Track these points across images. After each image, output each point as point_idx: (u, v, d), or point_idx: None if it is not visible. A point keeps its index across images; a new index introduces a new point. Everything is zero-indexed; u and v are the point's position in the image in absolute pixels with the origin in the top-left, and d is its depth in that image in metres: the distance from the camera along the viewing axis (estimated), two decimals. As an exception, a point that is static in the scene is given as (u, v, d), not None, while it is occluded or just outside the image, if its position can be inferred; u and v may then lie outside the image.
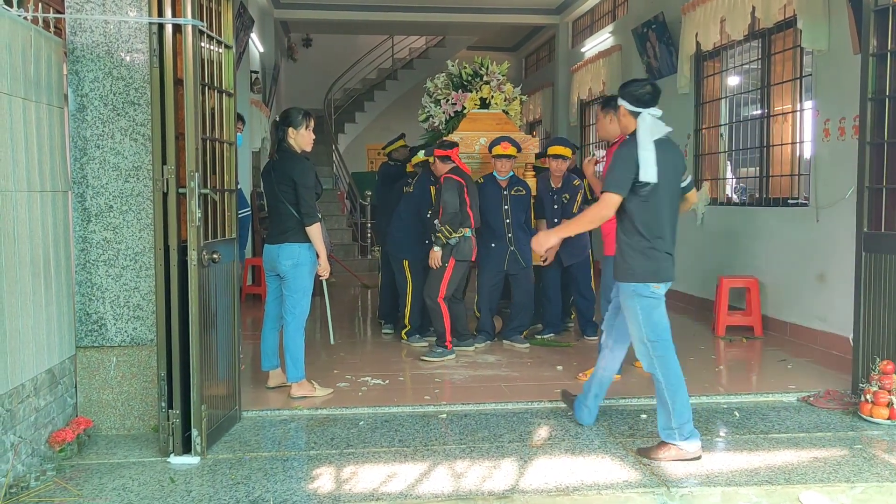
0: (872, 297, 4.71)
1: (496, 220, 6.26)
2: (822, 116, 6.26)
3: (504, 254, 6.27)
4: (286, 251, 4.75)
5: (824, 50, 6.13)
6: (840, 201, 5.90)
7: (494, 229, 6.26)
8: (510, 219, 6.28)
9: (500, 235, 6.27)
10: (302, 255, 4.75)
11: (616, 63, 10.45)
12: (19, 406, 3.54)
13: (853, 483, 3.57)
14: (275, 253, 4.78)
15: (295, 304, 4.80)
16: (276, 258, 4.78)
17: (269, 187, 4.84)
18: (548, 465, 3.78)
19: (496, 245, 6.28)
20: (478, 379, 5.40)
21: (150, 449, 3.99)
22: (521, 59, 16.81)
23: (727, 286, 6.89)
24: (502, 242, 6.27)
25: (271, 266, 4.85)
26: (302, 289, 4.80)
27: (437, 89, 6.90)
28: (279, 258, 4.77)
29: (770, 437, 4.19)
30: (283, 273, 4.80)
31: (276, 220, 4.82)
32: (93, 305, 4.19)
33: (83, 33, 4.10)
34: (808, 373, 5.51)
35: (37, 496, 3.40)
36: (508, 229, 6.27)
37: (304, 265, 4.77)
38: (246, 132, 9.69)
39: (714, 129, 8.19)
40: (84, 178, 4.14)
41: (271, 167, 4.86)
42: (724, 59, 7.99)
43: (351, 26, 14.58)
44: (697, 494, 3.50)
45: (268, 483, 3.55)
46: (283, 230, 4.77)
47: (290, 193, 4.72)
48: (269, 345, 5.04)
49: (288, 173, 4.74)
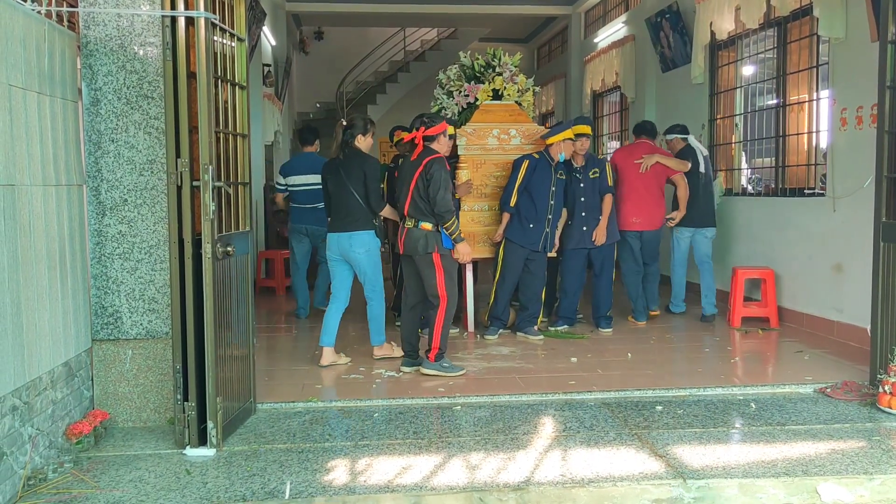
0: (890, 287, 4.65)
1: (543, 200, 6.23)
2: (838, 105, 6.19)
3: (540, 234, 6.25)
4: (357, 239, 5.36)
5: (841, 38, 6.06)
6: (857, 191, 5.83)
7: (538, 210, 6.23)
8: (554, 200, 6.27)
9: (541, 218, 6.25)
10: (371, 241, 5.40)
11: (629, 53, 10.38)
12: (37, 399, 3.56)
13: (872, 475, 3.53)
14: (346, 242, 5.38)
15: (374, 283, 5.50)
16: (349, 247, 5.38)
17: (337, 182, 5.41)
18: (563, 456, 3.77)
19: (534, 226, 6.24)
20: (492, 371, 5.39)
21: (166, 441, 4.01)
22: (534, 51, 16.74)
23: (742, 277, 6.84)
24: (541, 224, 6.26)
25: (341, 253, 5.43)
26: (376, 268, 5.47)
27: (450, 81, 6.88)
28: (351, 247, 5.37)
29: (787, 428, 4.16)
30: (355, 260, 5.41)
31: (343, 211, 5.41)
32: (108, 299, 4.21)
33: (96, 27, 4.11)
34: (825, 364, 5.47)
35: (55, 488, 3.43)
36: (550, 211, 6.27)
37: (374, 250, 5.43)
38: (258, 126, 9.70)
39: (729, 120, 8.13)
40: (98, 171, 4.15)
41: (339, 164, 5.44)
42: (738, 48, 7.92)
43: (362, 19, 14.55)
44: (714, 486, 3.47)
45: (283, 475, 3.56)
46: (353, 220, 5.37)
47: (361, 187, 5.32)
48: (331, 324, 5.55)
49: (361, 168, 5.36)
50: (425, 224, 5.20)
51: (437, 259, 5.21)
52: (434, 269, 5.21)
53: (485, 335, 6.40)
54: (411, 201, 5.24)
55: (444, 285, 5.22)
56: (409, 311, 5.51)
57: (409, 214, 5.26)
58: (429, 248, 5.19)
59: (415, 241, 5.21)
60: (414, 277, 5.40)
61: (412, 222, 5.25)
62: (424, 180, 5.17)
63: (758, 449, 3.86)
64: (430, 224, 5.20)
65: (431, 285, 5.23)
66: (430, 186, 5.14)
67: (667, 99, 9.49)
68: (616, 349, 6.02)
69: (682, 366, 5.60)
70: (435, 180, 5.13)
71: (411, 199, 5.24)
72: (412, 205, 5.25)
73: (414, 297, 5.45)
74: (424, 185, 5.17)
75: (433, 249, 5.19)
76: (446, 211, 5.15)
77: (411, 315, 5.50)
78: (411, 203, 5.25)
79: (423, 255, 5.20)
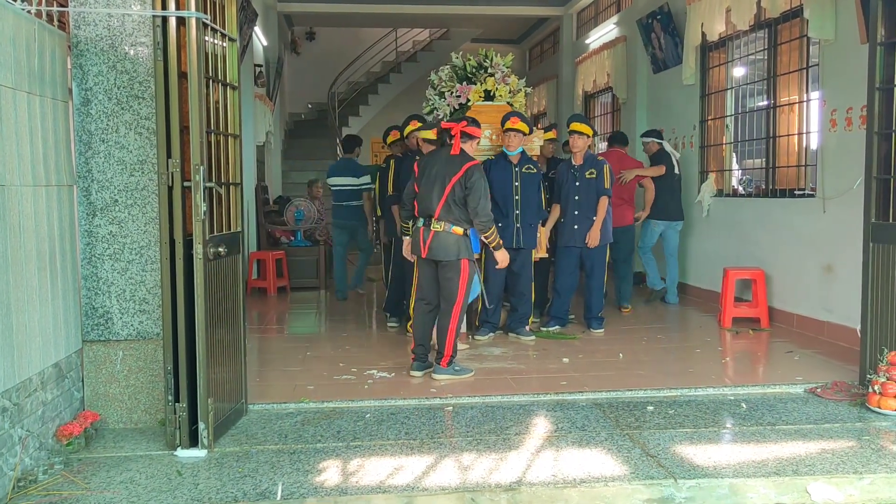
0: (880, 287, 4.68)
1: (505, 198, 6.21)
2: (828, 107, 6.22)
3: (510, 232, 6.20)
4: None
5: (831, 39, 6.09)
6: (847, 192, 5.87)
7: (502, 207, 6.19)
8: (519, 196, 6.23)
9: (507, 215, 6.20)
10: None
11: (621, 54, 10.40)
12: (27, 400, 3.54)
13: (861, 474, 3.55)
14: None
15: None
16: None
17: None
18: (554, 457, 3.78)
19: (503, 225, 6.17)
20: (484, 371, 5.39)
21: (158, 442, 4.00)
22: (526, 52, 16.76)
23: (733, 278, 6.87)
24: (509, 221, 6.21)
25: None
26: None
27: (442, 82, 6.88)
28: None
29: (777, 428, 4.18)
30: None
31: None
32: (99, 299, 4.20)
33: (87, 27, 4.09)
34: (816, 364, 5.49)
35: (45, 489, 3.41)
36: (517, 206, 6.22)
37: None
38: (250, 127, 9.68)
39: (720, 121, 8.16)
40: (89, 172, 4.13)
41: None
42: (729, 49, 7.95)
43: (354, 19, 14.54)
44: (705, 486, 3.49)
45: (275, 476, 3.56)
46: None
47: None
48: None
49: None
50: (457, 228, 5.11)
51: (465, 264, 5.15)
52: (460, 275, 5.13)
53: (476, 336, 6.40)
54: (445, 205, 5.10)
55: (464, 290, 5.17)
56: (426, 315, 5.33)
57: (441, 217, 5.12)
58: (461, 253, 5.11)
59: (446, 246, 5.10)
60: (432, 281, 5.26)
61: (442, 226, 5.11)
62: (464, 187, 5.08)
63: (748, 449, 3.88)
64: (461, 228, 5.13)
65: (453, 291, 5.14)
66: (470, 195, 5.07)
67: (658, 100, 9.51)
68: (608, 350, 6.03)
69: (674, 366, 5.62)
70: (476, 188, 5.06)
71: (445, 203, 5.10)
72: (445, 208, 5.11)
73: (432, 300, 5.31)
74: (462, 192, 5.08)
75: (465, 255, 5.12)
76: (488, 219, 5.14)
77: (427, 319, 5.34)
78: (444, 206, 5.10)
79: (455, 261, 5.11)
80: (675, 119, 8.93)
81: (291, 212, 9.79)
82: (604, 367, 5.54)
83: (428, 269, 5.29)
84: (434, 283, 5.27)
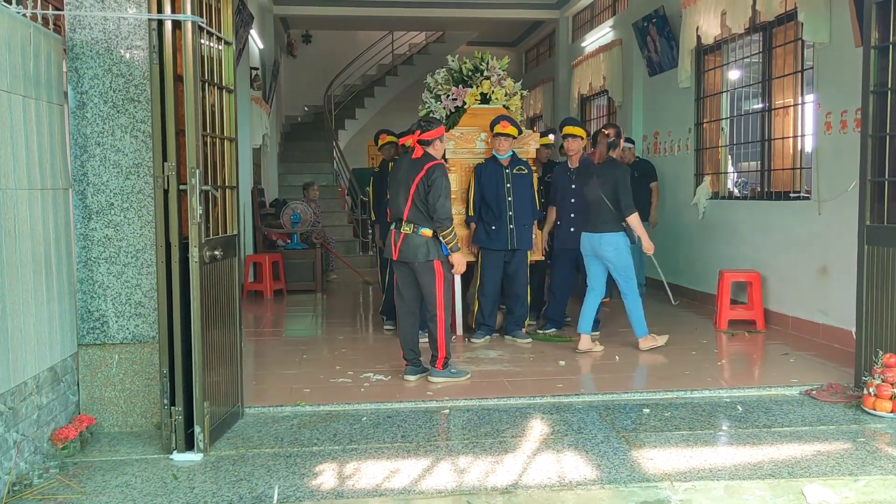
0: (875, 290, 4.70)
1: (498, 200, 6.23)
2: (823, 109, 6.24)
3: (505, 233, 6.24)
4: (607, 240, 5.91)
5: (826, 43, 6.11)
6: (842, 194, 5.88)
7: (495, 210, 6.22)
8: (512, 197, 6.25)
9: (500, 216, 6.23)
10: (620, 241, 5.92)
11: (617, 57, 10.42)
12: (22, 404, 3.53)
13: (857, 476, 3.56)
14: (597, 241, 5.95)
15: (626, 279, 6.00)
16: (599, 245, 5.94)
17: (590, 187, 5.94)
18: (551, 459, 3.78)
19: (496, 227, 6.22)
20: (480, 374, 5.39)
21: (153, 446, 3.99)
22: (522, 54, 16.77)
23: (729, 280, 6.88)
24: (503, 223, 6.24)
25: (592, 251, 6.00)
26: (626, 266, 5.99)
27: (438, 84, 6.89)
28: (601, 246, 5.93)
29: (773, 430, 4.19)
30: (607, 258, 5.94)
31: (594, 213, 5.98)
32: (94, 303, 4.19)
33: (82, 30, 4.09)
34: (811, 366, 5.50)
35: (40, 494, 3.40)
36: (510, 207, 6.25)
37: (623, 249, 5.94)
38: (246, 130, 9.67)
39: (715, 124, 8.17)
40: (85, 175, 4.13)
41: (593, 171, 5.98)
42: (724, 52, 7.97)
43: (350, 22, 14.54)
44: (701, 488, 3.49)
45: (271, 479, 3.55)
46: (603, 221, 5.92)
47: (612, 193, 5.82)
48: (588, 313, 6.06)
49: (612, 176, 5.86)
50: (426, 230, 5.09)
51: (438, 266, 5.13)
52: (434, 276, 5.12)
53: (472, 338, 6.40)
54: (411, 206, 5.11)
55: (442, 291, 5.15)
56: (408, 318, 5.32)
57: (409, 220, 5.12)
58: (430, 255, 5.09)
59: (415, 248, 5.10)
60: (410, 284, 5.26)
61: (411, 228, 5.11)
62: (426, 186, 5.07)
63: (744, 451, 3.89)
64: (430, 230, 5.10)
65: (431, 292, 5.14)
66: (430, 192, 5.05)
67: (654, 103, 9.53)
68: (604, 352, 6.03)
69: (670, 368, 5.62)
70: (436, 186, 5.04)
71: (411, 205, 5.11)
72: (412, 210, 5.11)
73: (412, 303, 5.30)
74: (425, 191, 5.07)
75: (434, 256, 5.10)
76: (446, 218, 5.07)
77: (410, 321, 5.34)
78: (411, 208, 5.11)
79: (424, 262, 5.10)
80: (671, 122, 8.95)
81: (288, 215, 9.79)
82: (600, 369, 5.55)
83: (403, 272, 5.28)
84: (410, 285, 5.27)
